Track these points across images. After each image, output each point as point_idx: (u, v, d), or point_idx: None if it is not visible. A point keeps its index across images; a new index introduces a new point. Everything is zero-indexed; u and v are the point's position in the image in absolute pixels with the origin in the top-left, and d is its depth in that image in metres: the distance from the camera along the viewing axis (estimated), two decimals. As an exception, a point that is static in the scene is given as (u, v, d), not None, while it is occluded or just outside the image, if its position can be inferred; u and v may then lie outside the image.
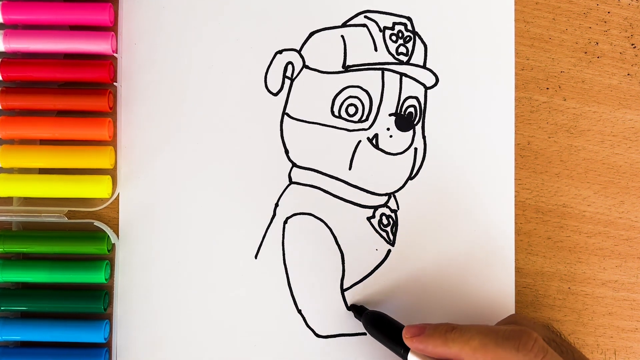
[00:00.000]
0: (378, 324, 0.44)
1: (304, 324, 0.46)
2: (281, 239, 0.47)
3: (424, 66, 0.47)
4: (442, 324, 0.41)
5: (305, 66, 0.47)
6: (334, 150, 0.47)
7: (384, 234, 0.47)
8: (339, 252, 0.47)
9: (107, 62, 0.46)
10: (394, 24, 0.47)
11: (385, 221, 0.47)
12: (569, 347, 0.41)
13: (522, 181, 0.47)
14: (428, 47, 0.47)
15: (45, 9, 0.45)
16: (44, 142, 0.47)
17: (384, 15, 0.47)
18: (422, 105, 0.47)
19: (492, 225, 0.47)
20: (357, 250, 0.47)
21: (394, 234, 0.47)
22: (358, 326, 0.46)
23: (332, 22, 0.47)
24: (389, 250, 0.47)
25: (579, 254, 0.48)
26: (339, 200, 0.47)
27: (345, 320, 0.47)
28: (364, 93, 0.47)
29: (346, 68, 0.47)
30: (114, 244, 0.46)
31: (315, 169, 0.47)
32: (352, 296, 0.47)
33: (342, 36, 0.47)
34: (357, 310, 0.46)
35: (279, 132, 0.47)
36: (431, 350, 0.40)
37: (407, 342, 0.41)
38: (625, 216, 0.48)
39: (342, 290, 0.47)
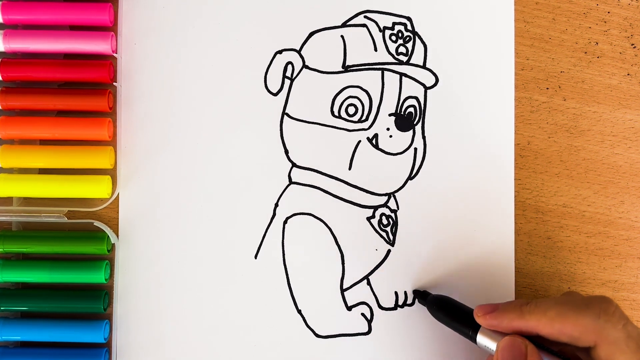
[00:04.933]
0: (445, 306, 0.44)
1: (304, 324, 0.46)
2: (281, 239, 0.47)
3: (423, 66, 0.47)
4: (515, 300, 0.40)
5: (305, 66, 0.47)
6: (333, 150, 0.47)
7: (383, 234, 0.47)
8: (339, 252, 0.47)
9: (107, 62, 0.46)
10: (394, 24, 0.47)
11: (385, 221, 0.47)
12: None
13: (522, 181, 0.47)
14: (428, 47, 0.47)
15: (45, 9, 0.45)
16: (44, 142, 0.47)
17: (384, 15, 0.47)
18: (422, 105, 0.47)
19: (492, 225, 0.47)
20: (357, 250, 0.47)
21: (394, 234, 0.47)
22: (358, 326, 0.46)
23: (332, 22, 0.47)
24: (389, 250, 0.47)
25: (579, 254, 0.48)
26: (339, 200, 0.47)
27: (345, 320, 0.47)
28: (364, 93, 0.47)
29: (346, 68, 0.47)
30: (113, 244, 0.46)
31: (315, 169, 0.47)
32: (352, 296, 0.47)
33: (342, 36, 0.47)
34: (421, 295, 0.46)
35: (279, 132, 0.47)
36: (506, 324, 0.39)
37: (480, 320, 0.41)
38: (625, 216, 0.48)
39: (342, 290, 0.47)
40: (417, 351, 0.46)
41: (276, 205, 0.47)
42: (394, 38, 0.47)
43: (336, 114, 0.47)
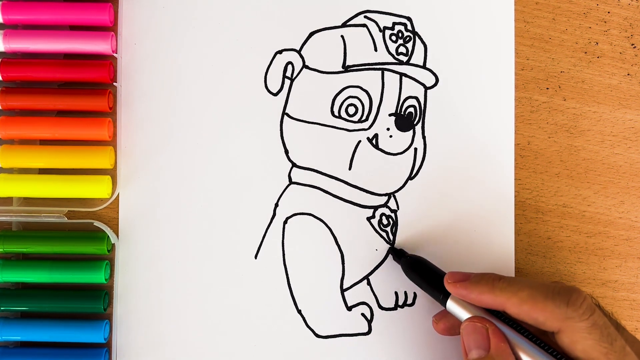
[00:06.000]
0: (418, 268, 0.43)
1: (304, 324, 0.47)
2: (281, 239, 0.47)
3: (423, 66, 0.47)
4: (488, 272, 0.41)
5: (305, 66, 0.47)
6: (334, 150, 0.47)
7: (383, 234, 0.47)
8: (338, 252, 0.47)
9: (107, 62, 0.46)
10: (394, 24, 0.47)
11: (385, 221, 0.47)
12: (611, 316, 0.41)
13: (522, 181, 0.47)
14: (428, 47, 0.47)
15: (45, 9, 0.45)
16: (44, 142, 0.47)
17: (384, 15, 0.47)
18: (422, 105, 0.47)
19: (492, 225, 0.47)
20: (357, 250, 0.47)
21: (394, 234, 0.47)
22: (358, 326, 0.47)
23: (332, 22, 0.47)
24: (389, 250, 0.47)
25: (579, 254, 0.48)
26: (339, 200, 0.47)
27: (345, 320, 0.47)
28: (364, 93, 0.47)
29: (346, 68, 0.47)
30: (113, 244, 0.46)
31: (315, 169, 0.47)
32: (352, 296, 0.47)
33: (342, 36, 0.47)
34: (397, 253, 0.45)
35: (279, 132, 0.47)
36: (475, 297, 0.40)
37: (449, 288, 0.41)
38: (625, 216, 0.48)
39: (342, 290, 0.47)
40: (417, 351, 0.46)
41: (276, 205, 0.47)
42: (394, 38, 0.47)
43: (336, 114, 0.47)
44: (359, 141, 0.47)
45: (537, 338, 0.38)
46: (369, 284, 0.47)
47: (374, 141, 0.47)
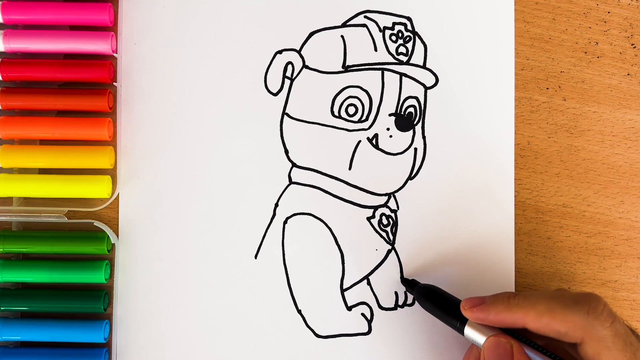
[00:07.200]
0: (432, 297, 0.43)
1: (304, 324, 0.47)
2: (281, 239, 0.47)
3: (423, 66, 0.47)
4: (502, 292, 0.40)
5: (305, 66, 0.47)
6: (334, 150, 0.47)
7: (383, 234, 0.47)
8: (338, 252, 0.47)
9: (107, 62, 0.46)
10: (394, 24, 0.47)
11: (385, 221, 0.47)
12: (624, 322, 0.40)
13: (522, 181, 0.47)
14: (428, 47, 0.47)
15: (45, 9, 0.45)
16: (44, 142, 0.47)
17: (384, 15, 0.47)
18: (422, 105, 0.47)
19: (492, 225, 0.47)
20: (357, 250, 0.47)
21: (394, 234, 0.47)
22: (358, 326, 0.47)
23: (332, 22, 0.47)
24: (389, 250, 0.47)
25: (579, 254, 0.48)
26: (339, 200, 0.47)
27: (345, 320, 0.47)
28: (364, 93, 0.47)
29: (346, 68, 0.47)
30: (113, 244, 0.46)
31: (315, 169, 0.47)
32: (352, 296, 0.47)
33: (342, 36, 0.47)
34: (409, 283, 0.45)
35: (279, 132, 0.47)
36: (493, 318, 0.39)
37: (466, 314, 0.40)
38: (625, 216, 0.48)
39: (342, 290, 0.47)
40: (417, 351, 0.46)
41: (276, 205, 0.47)
42: (394, 38, 0.47)
43: (336, 114, 0.47)
44: (359, 141, 0.47)
45: (559, 358, 0.38)
46: (369, 284, 0.47)
47: (374, 141, 0.47)
